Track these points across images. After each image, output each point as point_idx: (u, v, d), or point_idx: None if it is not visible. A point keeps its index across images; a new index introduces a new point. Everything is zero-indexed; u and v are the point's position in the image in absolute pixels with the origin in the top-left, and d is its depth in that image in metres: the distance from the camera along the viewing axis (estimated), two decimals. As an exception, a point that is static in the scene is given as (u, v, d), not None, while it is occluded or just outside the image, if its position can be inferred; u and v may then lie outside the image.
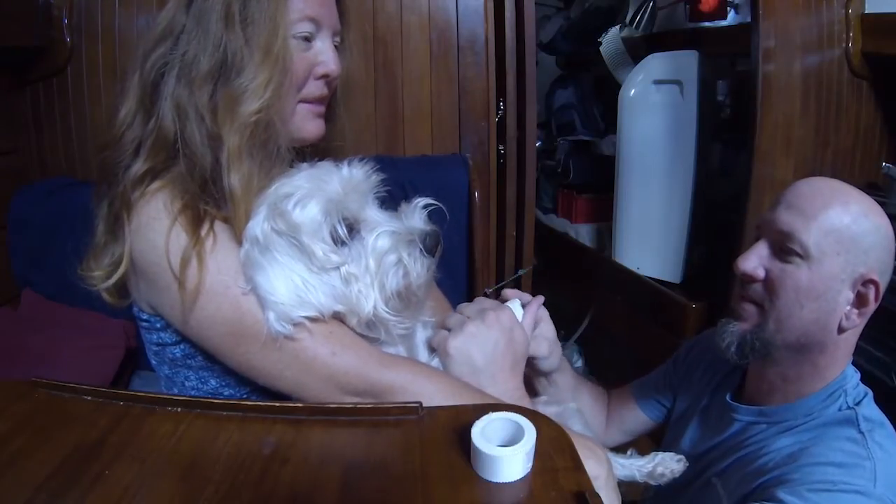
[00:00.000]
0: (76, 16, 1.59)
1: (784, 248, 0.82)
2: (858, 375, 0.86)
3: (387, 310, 0.72)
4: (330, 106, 0.86)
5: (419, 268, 0.72)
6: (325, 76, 0.80)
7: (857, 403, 0.82)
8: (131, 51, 1.61)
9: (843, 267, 0.79)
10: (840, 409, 0.82)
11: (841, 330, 0.81)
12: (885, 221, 0.81)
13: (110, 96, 1.65)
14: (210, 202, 0.73)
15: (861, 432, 0.78)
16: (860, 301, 0.80)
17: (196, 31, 0.73)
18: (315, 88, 0.80)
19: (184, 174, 0.73)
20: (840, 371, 0.84)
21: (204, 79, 0.73)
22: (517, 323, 0.82)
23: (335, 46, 0.82)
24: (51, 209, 1.55)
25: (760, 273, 0.84)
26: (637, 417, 1.13)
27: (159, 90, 0.74)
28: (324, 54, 0.80)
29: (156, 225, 0.70)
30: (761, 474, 0.81)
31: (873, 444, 0.77)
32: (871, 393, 0.85)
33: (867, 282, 0.80)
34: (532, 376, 0.97)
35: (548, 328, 0.91)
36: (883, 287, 0.81)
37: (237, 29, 0.72)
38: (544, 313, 0.90)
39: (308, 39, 0.78)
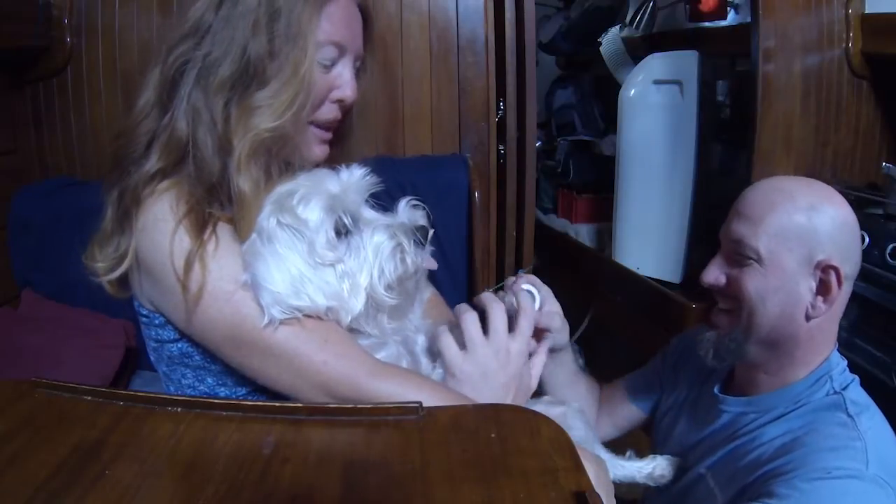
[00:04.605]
0: (76, 16, 1.60)
1: (739, 255, 0.86)
2: (845, 363, 0.87)
3: (385, 294, 0.74)
4: (339, 129, 0.85)
5: (415, 254, 0.76)
6: (340, 101, 0.80)
7: (844, 388, 0.84)
8: (131, 51, 1.62)
9: (797, 259, 0.83)
10: (827, 395, 0.84)
11: (809, 318, 0.83)
12: (840, 210, 0.83)
13: (110, 96, 1.65)
14: (215, 204, 0.74)
15: (850, 416, 0.80)
16: (823, 288, 0.83)
17: (222, 34, 0.73)
18: (328, 112, 0.80)
19: (191, 177, 0.74)
20: (823, 358, 0.86)
21: (222, 85, 0.72)
22: (527, 364, 0.82)
23: (356, 70, 0.81)
24: (51, 209, 1.55)
25: (722, 280, 0.89)
26: (628, 411, 1.14)
27: (178, 87, 0.74)
28: (342, 79, 0.79)
29: (161, 226, 0.71)
30: (756, 468, 0.81)
31: (862, 425, 0.78)
32: (857, 379, 0.86)
33: (827, 268, 0.82)
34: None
35: (555, 305, 0.93)
36: (846, 272, 0.82)
37: (264, 40, 0.72)
38: (547, 293, 0.92)
39: (330, 64, 0.78)
